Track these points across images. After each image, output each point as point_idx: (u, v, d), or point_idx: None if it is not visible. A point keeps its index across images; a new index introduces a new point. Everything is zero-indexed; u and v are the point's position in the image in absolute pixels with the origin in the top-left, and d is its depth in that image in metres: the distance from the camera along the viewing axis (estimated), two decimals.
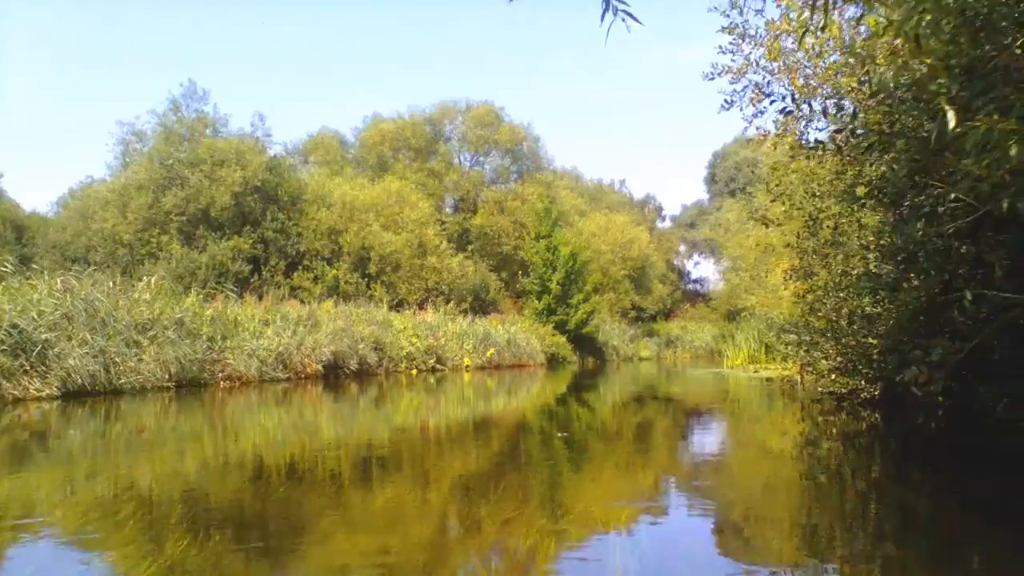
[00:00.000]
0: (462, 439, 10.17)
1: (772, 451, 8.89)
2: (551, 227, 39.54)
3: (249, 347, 18.05)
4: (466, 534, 5.03)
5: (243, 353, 17.79)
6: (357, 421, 12.05)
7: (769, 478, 7.10)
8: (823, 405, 12.52)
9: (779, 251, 25.98)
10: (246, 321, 19.14)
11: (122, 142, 37.15)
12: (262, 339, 18.71)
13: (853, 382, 11.30)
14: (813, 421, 11.11)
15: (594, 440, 9.85)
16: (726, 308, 56.12)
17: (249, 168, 32.12)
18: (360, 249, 33.62)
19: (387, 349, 23.97)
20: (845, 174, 9.30)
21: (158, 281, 17.96)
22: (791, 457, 8.20)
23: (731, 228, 60.51)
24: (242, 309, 19.98)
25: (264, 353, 18.40)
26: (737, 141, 79.41)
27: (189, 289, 20.62)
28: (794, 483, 6.87)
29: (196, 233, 31.52)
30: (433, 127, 46.69)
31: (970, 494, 6.06)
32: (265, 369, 18.24)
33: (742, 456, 8.69)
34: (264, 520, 5.39)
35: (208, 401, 14.50)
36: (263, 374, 18.11)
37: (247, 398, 15.11)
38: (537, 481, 6.85)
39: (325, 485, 6.68)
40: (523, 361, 32.43)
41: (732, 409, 14.32)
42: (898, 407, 10.21)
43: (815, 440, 9.27)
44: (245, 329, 18.70)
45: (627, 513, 5.38)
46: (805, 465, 7.65)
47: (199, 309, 17.77)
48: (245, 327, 18.80)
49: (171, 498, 6.11)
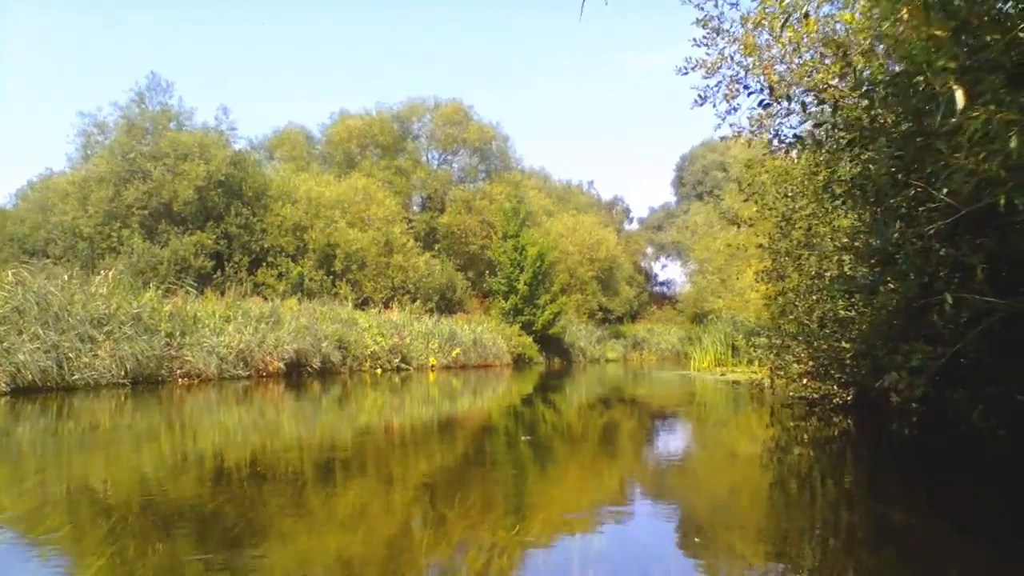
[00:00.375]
0: (426, 440, 9.91)
1: (740, 456, 8.70)
2: (519, 227, 39.34)
3: (209, 344, 17.63)
4: (428, 536, 4.86)
5: (202, 350, 17.36)
6: (319, 421, 11.73)
7: (737, 484, 6.90)
8: (794, 410, 12.25)
9: (748, 253, 25.98)
10: (206, 317, 18.71)
11: (83, 134, 36.46)
12: (223, 336, 18.30)
13: (825, 387, 11.11)
14: (783, 426, 10.88)
15: (559, 443, 9.58)
16: (692, 311, 56.21)
17: (213, 162, 31.54)
18: (325, 246, 33.21)
19: (351, 348, 23.62)
20: (818, 174, 9.15)
21: (115, 275, 17.45)
22: (760, 463, 8.00)
23: (698, 231, 60.78)
24: (202, 305, 19.54)
25: (224, 350, 17.98)
26: (705, 144, 79.91)
27: (150, 284, 20.19)
28: (763, 490, 6.69)
29: (158, 228, 30.92)
30: (401, 124, 46.35)
31: (944, 503, 5.92)
32: (225, 367, 17.83)
33: (709, 461, 8.48)
34: (223, 521, 5.14)
35: (166, 399, 14.10)
36: (223, 372, 17.71)
37: (206, 396, 14.73)
38: (501, 484, 6.65)
39: (286, 486, 6.42)
40: (489, 361, 32.19)
41: (699, 413, 14.07)
42: (871, 413, 10.03)
43: (785, 445, 9.07)
44: (205, 326, 18.28)
45: (591, 519, 5.21)
46: (775, 471, 7.48)
47: (158, 304, 17.32)
48: (205, 323, 18.38)
49: (127, 498, 5.87)
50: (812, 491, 6.58)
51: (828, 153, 6.69)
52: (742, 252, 25.18)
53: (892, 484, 6.87)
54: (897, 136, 4.93)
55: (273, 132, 48.28)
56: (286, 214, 33.25)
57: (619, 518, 5.42)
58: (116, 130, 34.12)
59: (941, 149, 4.20)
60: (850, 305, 8.49)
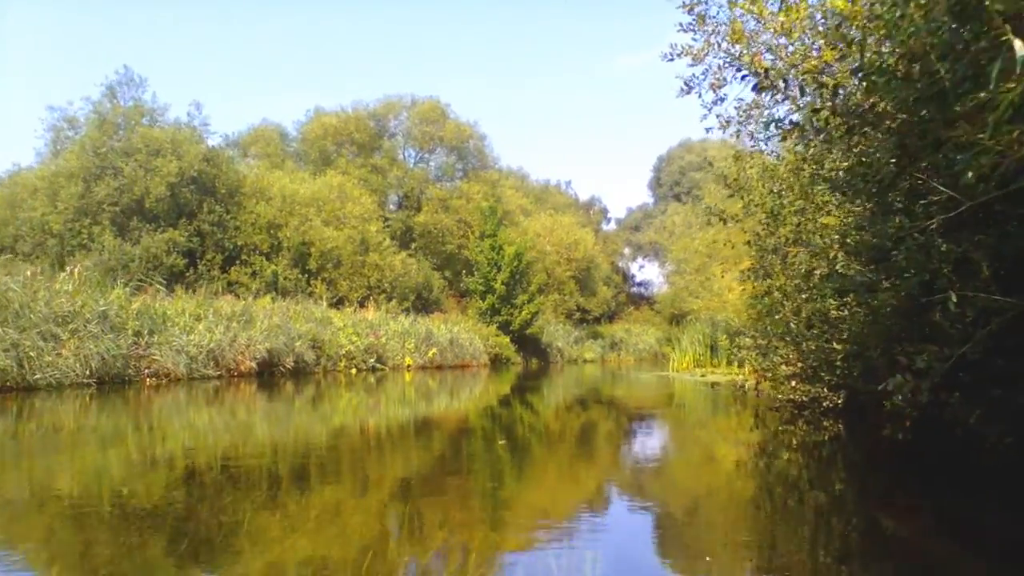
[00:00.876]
0: (402, 443, 9.58)
1: (724, 463, 8.35)
2: (496, 226, 39.00)
3: (178, 343, 17.12)
4: (403, 540, 4.75)
5: (171, 349, 16.86)
6: (292, 422, 11.33)
7: (722, 492, 6.59)
8: (781, 413, 11.86)
9: (730, 252, 25.78)
10: (176, 316, 18.20)
11: (53, 128, 35.83)
12: (193, 335, 17.81)
13: (814, 389, 10.72)
14: (770, 430, 10.56)
15: (537, 449, 9.21)
16: (670, 312, 56.16)
17: (185, 159, 31.05)
18: (300, 244, 32.72)
19: (325, 347, 23.18)
20: (805, 169, 8.83)
21: (82, 272, 16.93)
22: (746, 469, 7.69)
23: (676, 231, 60.73)
24: (172, 303, 19.01)
25: (194, 349, 17.49)
26: (682, 145, 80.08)
27: (117, 282, 19.63)
28: (749, 498, 6.39)
29: (130, 225, 30.33)
30: (377, 122, 45.86)
31: (940, 511, 5.65)
32: (195, 366, 17.34)
33: (691, 468, 8.13)
34: (194, 525, 4.91)
35: (133, 399, 13.65)
36: (192, 371, 17.22)
37: (175, 396, 14.28)
38: (477, 490, 6.38)
39: (257, 489, 6.13)
40: (466, 361, 31.83)
41: (680, 415, 13.78)
42: (862, 416, 9.66)
43: (772, 451, 8.76)
44: (175, 324, 17.77)
45: (568, 535, 4.90)
46: (761, 478, 7.20)
47: (125, 302, 16.80)
48: (175, 322, 17.86)
49: (95, 501, 5.64)
50: (801, 499, 6.30)
51: (824, 143, 6.38)
52: (722, 251, 25.01)
53: (885, 491, 6.60)
54: (903, 122, 4.64)
55: (248, 129, 47.72)
56: (260, 212, 32.75)
57: (597, 529, 5.14)
58: (87, 125, 33.50)
59: (964, 126, 3.89)
60: (843, 305, 8.15)
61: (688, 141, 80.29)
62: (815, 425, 10.37)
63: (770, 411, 12.50)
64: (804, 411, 11.34)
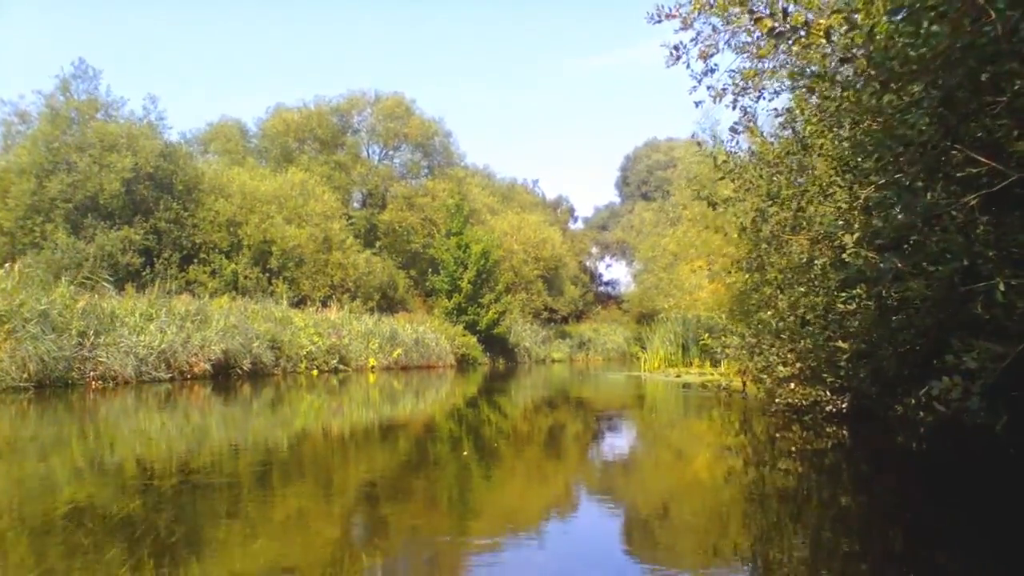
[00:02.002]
0: (365, 447, 8.83)
1: (714, 474, 7.56)
2: (462, 224, 38.30)
3: (127, 344, 16.20)
4: (368, 546, 4.54)
5: (119, 350, 15.93)
6: (248, 427, 10.55)
7: (715, 511, 5.88)
8: (776, 418, 10.82)
9: (706, 247, 25.30)
10: (126, 315, 17.28)
11: (3, 124, 34.51)
12: (143, 335, 16.91)
13: (815, 392, 9.76)
14: (764, 437, 9.61)
15: (506, 459, 8.43)
16: (638, 311, 55.82)
17: (141, 154, 29.97)
18: (261, 243, 31.77)
19: (285, 348, 22.34)
20: (810, 145, 8.11)
21: (22, 269, 15.98)
22: (739, 481, 6.94)
23: (644, 230, 60.35)
24: (121, 302, 18.05)
25: (144, 350, 16.58)
26: (649, 145, 79.94)
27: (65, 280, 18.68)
28: (741, 512, 5.73)
29: (84, 222, 29.17)
30: (341, 118, 44.87)
31: (955, 528, 5.03)
32: (145, 368, 16.43)
33: (677, 481, 7.34)
34: (146, 538, 4.51)
35: (77, 403, 12.79)
36: (142, 374, 16.31)
37: (123, 400, 13.43)
38: (442, 499, 5.80)
39: (213, 498, 5.69)
40: (432, 362, 31.09)
41: (658, 420, 12.83)
42: (869, 422, 8.90)
43: (768, 460, 7.89)
44: (124, 324, 16.86)
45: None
46: (755, 490, 6.51)
47: (70, 301, 15.86)
48: (124, 322, 16.95)
49: (42, 512, 5.25)
50: (799, 513, 5.64)
51: (851, 100, 5.63)
52: (693, 248, 24.53)
53: (896, 504, 5.97)
54: (946, 75, 3.96)
55: (207, 126, 46.57)
56: (219, 209, 31.76)
57: (572, 551, 4.52)
58: (39, 119, 32.27)
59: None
60: (850, 298, 7.37)
61: (654, 141, 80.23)
62: (815, 431, 9.43)
63: (761, 415, 11.55)
64: (803, 416, 10.38)
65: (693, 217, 24.05)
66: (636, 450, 9.32)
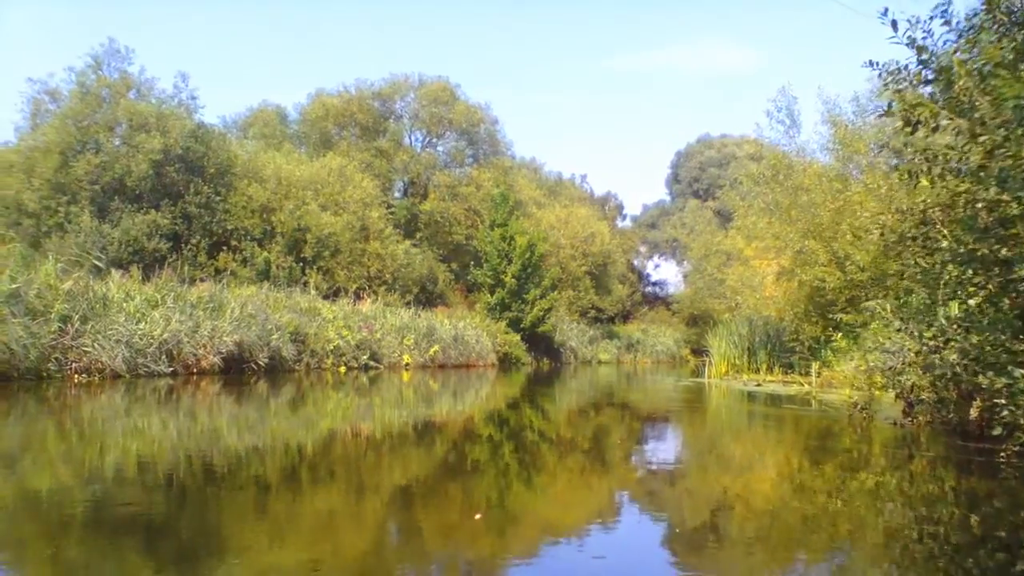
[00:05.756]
0: (400, 449, 6.61)
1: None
2: (507, 215, 36.16)
3: (118, 332, 14.18)
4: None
5: (109, 339, 13.92)
6: (262, 430, 8.44)
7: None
8: (949, 456, 7.59)
9: (768, 243, 22.87)
10: (123, 300, 15.28)
11: (32, 102, 33.02)
12: (142, 323, 14.91)
13: (1011, 417, 6.41)
14: (945, 486, 6.18)
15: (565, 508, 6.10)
16: (689, 312, 53.45)
17: (171, 135, 28.26)
18: (295, 230, 29.86)
19: (310, 341, 20.28)
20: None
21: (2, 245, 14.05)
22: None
23: (696, 228, 57.90)
24: (117, 286, 15.99)
25: (142, 340, 14.59)
26: (702, 141, 77.43)
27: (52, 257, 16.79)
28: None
29: (110, 205, 27.59)
30: (382, 103, 42.87)
31: None
32: (142, 361, 14.42)
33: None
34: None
35: (52, 399, 10.83)
36: (137, 367, 14.28)
37: (109, 397, 11.43)
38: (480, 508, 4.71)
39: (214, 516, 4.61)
40: (471, 361, 28.97)
41: (790, 459, 7.94)
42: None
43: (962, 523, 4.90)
44: (122, 310, 14.87)
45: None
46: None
47: (54, 281, 13.87)
48: (122, 307, 14.96)
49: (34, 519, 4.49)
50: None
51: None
52: (767, 240, 22.16)
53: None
54: None
55: (247, 111, 44.97)
56: (253, 194, 29.90)
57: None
58: (69, 97, 30.76)
59: None
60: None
61: (707, 137, 77.94)
62: (993, 476, 6.31)
63: (923, 450, 8.04)
64: (982, 454, 7.13)
65: (765, 207, 21.61)
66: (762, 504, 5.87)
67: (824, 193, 19.79)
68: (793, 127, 21.52)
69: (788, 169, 21.39)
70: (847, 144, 20.21)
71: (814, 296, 20.49)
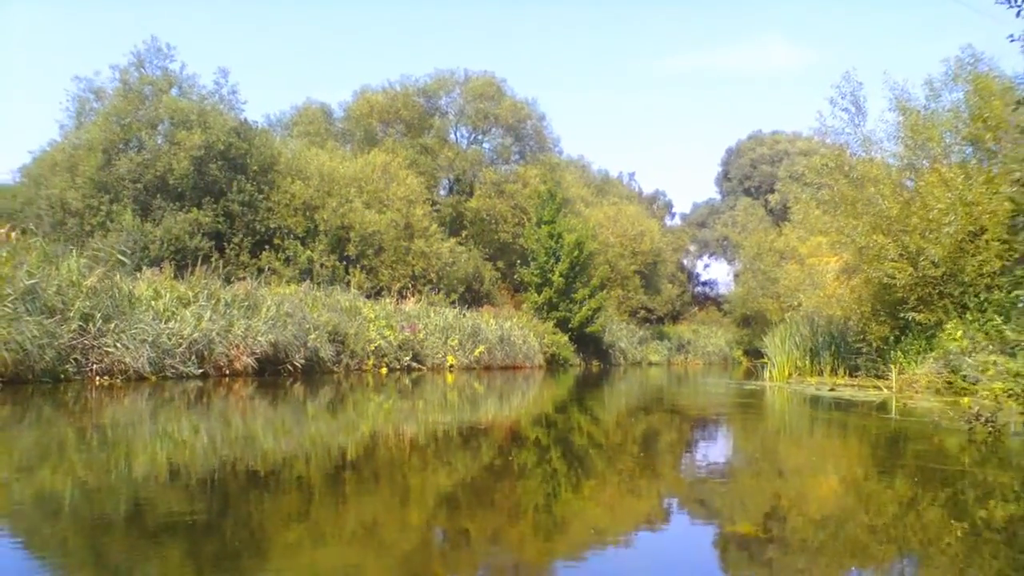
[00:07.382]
0: (445, 453, 5.66)
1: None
2: (555, 212, 35.14)
3: (144, 331, 13.40)
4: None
5: (134, 339, 13.13)
6: (302, 435, 7.56)
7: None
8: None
9: (832, 237, 21.56)
10: (151, 298, 14.52)
11: (78, 100, 32.82)
12: (171, 322, 14.14)
13: None
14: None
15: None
16: (741, 312, 52.05)
17: (212, 131, 27.72)
18: (338, 228, 29.15)
19: (349, 342, 19.45)
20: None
21: (18, 237, 13.35)
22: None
23: (749, 225, 56.39)
24: (146, 283, 15.22)
25: (169, 340, 13.84)
26: (753, 138, 75.59)
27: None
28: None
29: (153, 204, 27.19)
30: (427, 99, 42.00)
31: None
32: (170, 361, 13.64)
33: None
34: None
35: (70, 402, 10.08)
36: (165, 368, 13.52)
37: (133, 400, 10.65)
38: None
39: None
40: (518, 362, 27.99)
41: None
42: None
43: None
44: (151, 308, 14.12)
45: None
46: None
47: (76, 277, 13.12)
48: (151, 306, 14.20)
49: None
50: None
51: None
52: (833, 234, 20.92)
53: None
54: None
55: (292, 110, 44.46)
56: (296, 191, 29.22)
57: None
58: (113, 95, 30.47)
59: None
60: None
61: (759, 134, 76.09)
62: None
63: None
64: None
65: (831, 199, 20.35)
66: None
67: (892, 184, 18.58)
68: (859, 114, 20.17)
69: (850, 161, 20.16)
70: (918, 132, 18.95)
71: (882, 294, 19.26)
